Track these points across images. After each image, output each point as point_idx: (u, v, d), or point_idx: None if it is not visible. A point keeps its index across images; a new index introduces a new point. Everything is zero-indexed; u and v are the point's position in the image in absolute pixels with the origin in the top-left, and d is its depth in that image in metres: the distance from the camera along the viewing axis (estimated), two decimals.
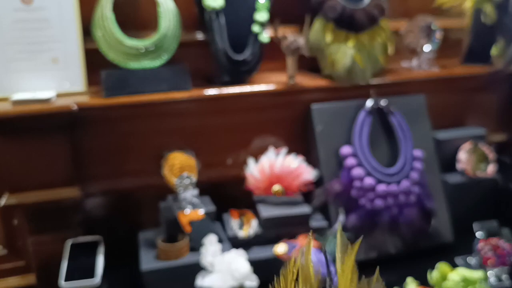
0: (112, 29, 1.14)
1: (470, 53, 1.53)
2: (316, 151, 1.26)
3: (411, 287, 1.03)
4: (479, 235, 1.15)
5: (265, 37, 1.27)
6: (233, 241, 1.16)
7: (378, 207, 1.21)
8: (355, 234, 1.17)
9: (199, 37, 1.31)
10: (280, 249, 1.10)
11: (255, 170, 1.22)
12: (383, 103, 1.29)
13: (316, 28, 1.33)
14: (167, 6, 1.19)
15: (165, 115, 1.21)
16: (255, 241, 1.16)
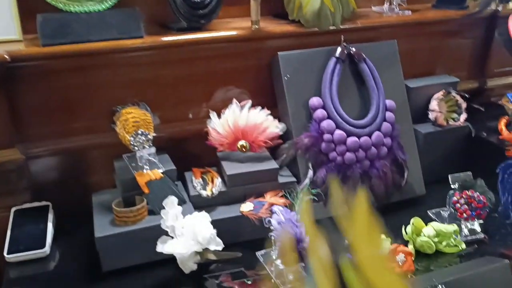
0: None
1: None
2: (284, 102, 1.19)
3: (385, 245, 0.99)
4: (454, 187, 1.12)
5: None
6: (195, 202, 1.10)
7: (349, 161, 1.15)
8: (325, 189, 1.12)
9: None
10: (246, 207, 1.05)
11: (218, 124, 1.16)
12: (354, 49, 1.22)
13: None
14: None
15: (115, 65, 1.12)
16: (220, 201, 1.11)
